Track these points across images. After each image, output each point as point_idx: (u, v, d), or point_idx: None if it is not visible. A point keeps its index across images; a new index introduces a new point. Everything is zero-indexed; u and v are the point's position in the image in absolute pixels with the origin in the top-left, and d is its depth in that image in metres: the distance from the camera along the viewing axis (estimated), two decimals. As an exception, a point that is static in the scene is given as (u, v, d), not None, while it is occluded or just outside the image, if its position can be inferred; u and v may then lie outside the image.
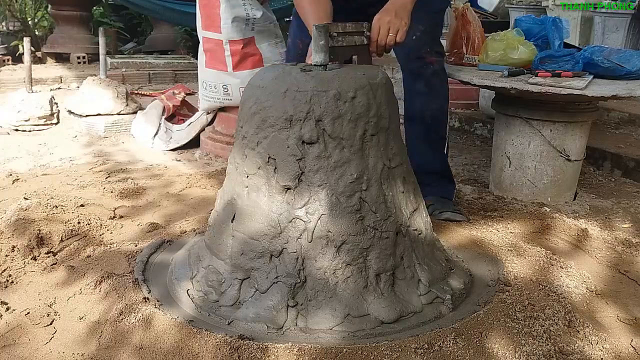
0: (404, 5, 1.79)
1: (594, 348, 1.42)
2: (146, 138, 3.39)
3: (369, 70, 1.57)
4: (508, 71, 2.27)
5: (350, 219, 1.47)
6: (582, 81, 2.15)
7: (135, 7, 6.04)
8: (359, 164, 1.48)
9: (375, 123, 1.50)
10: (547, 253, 1.87)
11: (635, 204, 2.44)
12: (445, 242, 1.91)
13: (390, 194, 1.54)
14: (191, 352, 1.34)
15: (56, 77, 5.31)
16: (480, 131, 3.68)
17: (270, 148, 1.48)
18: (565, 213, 2.27)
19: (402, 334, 1.43)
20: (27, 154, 3.14)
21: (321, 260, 1.46)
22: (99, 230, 2.04)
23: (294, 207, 1.47)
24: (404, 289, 1.53)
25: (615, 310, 1.62)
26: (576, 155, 2.37)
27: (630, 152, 2.89)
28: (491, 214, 2.26)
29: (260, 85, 1.53)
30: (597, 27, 4.31)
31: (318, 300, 1.46)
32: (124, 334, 1.43)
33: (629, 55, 2.32)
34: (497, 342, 1.39)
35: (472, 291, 1.66)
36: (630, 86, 2.14)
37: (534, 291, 1.61)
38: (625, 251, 1.97)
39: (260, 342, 1.35)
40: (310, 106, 1.44)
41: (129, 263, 1.76)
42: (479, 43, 2.59)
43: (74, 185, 2.54)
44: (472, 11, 2.69)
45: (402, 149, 1.63)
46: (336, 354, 1.31)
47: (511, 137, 2.41)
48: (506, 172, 2.47)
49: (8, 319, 1.50)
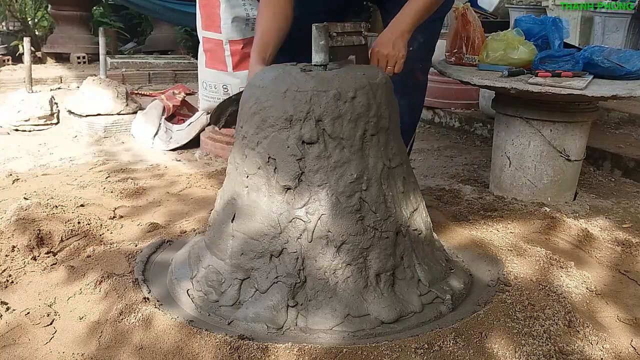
0: (402, 34, 1.74)
1: (594, 348, 1.42)
2: (146, 138, 3.39)
3: (368, 71, 1.57)
4: (508, 71, 2.27)
5: (350, 219, 1.47)
6: (582, 81, 2.15)
7: (135, 7, 6.04)
8: (359, 164, 1.48)
9: (375, 123, 1.50)
10: (547, 253, 1.87)
11: (635, 204, 2.44)
12: (445, 242, 1.91)
13: (390, 194, 1.54)
14: (191, 352, 1.34)
15: (56, 77, 5.31)
16: (480, 131, 3.68)
17: (270, 148, 1.48)
18: (565, 213, 2.27)
19: (402, 334, 1.43)
20: (27, 154, 3.14)
21: (321, 260, 1.46)
22: (99, 230, 2.04)
23: (294, 207, 1.47)
24: (404, 289, 1.53)
25: (615, 310, 1.62)
26: (576, 155, 2.37)
27: (630, 152, 2.89)
28: (491, 214, 2.26)
29: (260, 85, 1.53)
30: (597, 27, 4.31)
31: (318, 300, 1.46)
32: (124, 334, 1.43)
33: (629, 55, 2.32)
34: (497, 342, 1.39)
35: (472, 291, 1.66)
36: (630, 86, 2.14)
37: (534, 291, 1.61)
38: (625, 251, 1.97)
39: (260, 342, 1.35)
40: (310, 106, 1.44)
41: (129, 263, 1.76)
42: (479, 43, 2.59)
43: (74, 185, 2.54)
44: (472, 11, 2.69)
45: (402, 149, 1.63)
46: (336, 354, 1.31)
47: (511, 137, 2.41)
48: (506, 172, 2.47)
49: (8, 319, 1.50)
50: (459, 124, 3.82)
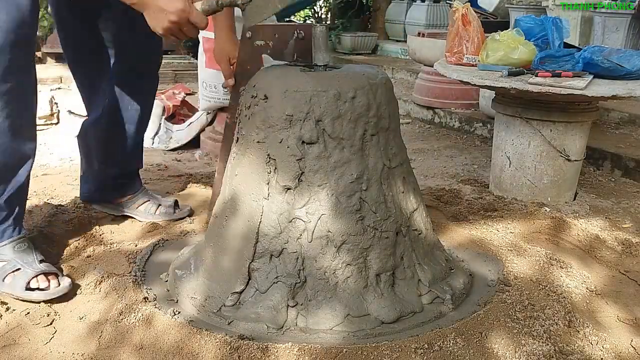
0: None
1: (594, 348, 1.43)
2: (146, 138, 3.38)
3: (368, 70, 1.57)
4: (508, 71, 2.27)
5: (350, 219, 1.47)
6: (582, 81, 2.15)
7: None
8: (359, 164, 1.48)
9: (375, 123, 1.50)
10: (547, 253, 1.87)
11: (635, 204, 2.44)
12: (446, 242, 1.91)
13: (390, 194, 1.54)
14: (191, 352, 1.35)
15: (56, 77, 5.30)
16: (480, 131, 3.68)
17: (270, 148, 1.48)
18: (566, 213, 2.27)
19: (402, 333, 1.43)
20: (27, 154, 3.14)
21: (321, 260, 1.46)
22: (99, 230, 2.04)
23: (294, 207, 1.47)
24: (404, 288, 1.53)
25: (615, 310, 1.62)
26: (576, 155, 2.38)
27: (630, 152, 2.89)
28: (491, 214, 2.26)
29: (260, 85, 1.53)
30: (597, 27, 4.31)
31: (318, 300, 1.46)
32: (124, 333, 1.43)
33: (629, 55, 2.32)
34: (497, 342, 1.39)
35: (472, 291, 1.66)
36: (630, 86, 2.14)
37: (534, 291, 1.61)
38: (625, 251, 1.97)
39: (261, 342, 1.36)
40: (310, 106, 1.44)
41: (129, 263, 1.76)
42: (479, 43, 2.59)
43: (74, 185, 2.53)
44: (472, 11, 2.69)
45: (402, 149, 1.63)
46: (336, 354, 1.31)
47: (511, 137, 2.41)
48: (506, 172, 2.47)
49: (8, 319, 1.50)
50: (459, 124, 3.83)
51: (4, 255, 1.62)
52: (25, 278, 1.56)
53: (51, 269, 1.61)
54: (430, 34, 4.16)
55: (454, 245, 1.94)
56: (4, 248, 1.63)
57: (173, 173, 2.83)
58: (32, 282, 1.55)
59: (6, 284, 1.58)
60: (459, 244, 1.97)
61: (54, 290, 1.55)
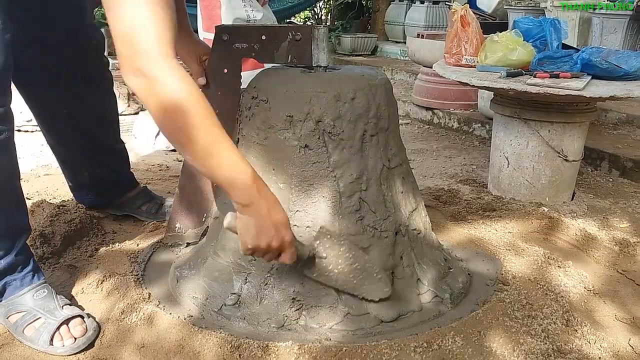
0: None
1: (591, 347, 1.44)
2: (148, 138, 3.40)
3: (368, 72, 1.58)
4: (506, 72, 2.28)
5: (349, 219, 1.48)
6: (580, 82, 2.16)
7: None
8: (358, 164, 1.49)
9: (374, 124, 1.51)
10: (545, 252, 1.88)
11: (632, 204, 2.45)
12: (444, 242, 1.92)
13: (390, 194, 1.55)
14: (192, 351, 1.36)
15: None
16: (478, 132, 3.70)
17: (271, 149, 1.49)
18: (563, 213, 2.28)
19: (401, 332, 1.44)
20: (29, 154, 3.15)
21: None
22: (101, 229, 2.05)
23: (294, 207, 1.48)
24: (403, 288, 1.54)
25: (612, 309, 1.63)
26: (574, 156, 2.39)
27: (627, 153, 2.90)
28: (490, 214, 2.27)
29: (260, 86, 1.54)
30: (596, 28, 4.32)
31: (318, 299, 1.47)
32: (126, 332, 1.44)
33: (627, 56, 2.33)
34: (496, 340, 1.40)
35: (470, 290, 1.67)
36: (628, 87, 2.15)
37: (532, 290, 1.62)
38: (623, 251, 1.98)
39: (261, 340, 1.36)
40: (310, 107, 1.45)
41: (131, 262, 1.77)
42: (478, 44, 2.60)
43: (75, 186, 2.55)
44: (470, 12, 2.70)
45: (401, 149, 1.64)
46: (336, 352, 1.32)
47: (509, 137, 2.42)
48: (504, 173, 2.48)
49: (10, 318, 1.51)
50: (458, 124, 3.84)
51: (22, 306, 1.48)
52: (48, 331, 1.42)
53: (74, 312, 1.47)
54: (429, 35, 4.17)
55: (452, 245, 1.95)
56: (23, 297, 1.49)
57: (174, 173, 2.84)
58: (55, 337, 1.41)
59: (27, 336, 1.44)
60: (458, 243, 1.98)
61: (80, 343, 1.41)
